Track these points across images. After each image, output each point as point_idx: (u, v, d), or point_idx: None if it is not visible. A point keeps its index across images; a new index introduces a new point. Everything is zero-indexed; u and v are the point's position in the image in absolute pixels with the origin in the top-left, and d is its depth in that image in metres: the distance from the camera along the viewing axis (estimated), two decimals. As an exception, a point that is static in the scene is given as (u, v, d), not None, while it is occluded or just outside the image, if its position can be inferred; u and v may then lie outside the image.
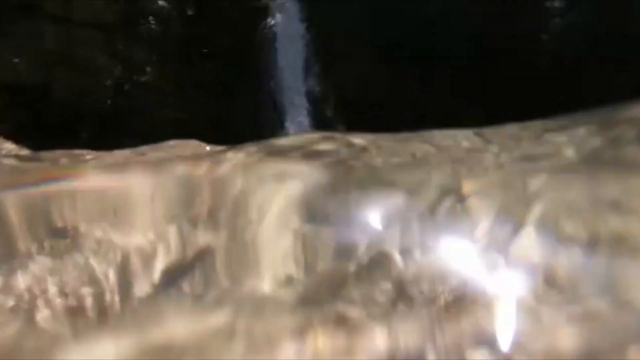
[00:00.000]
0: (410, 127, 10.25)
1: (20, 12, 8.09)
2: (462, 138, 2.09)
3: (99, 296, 1.15)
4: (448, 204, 1.42)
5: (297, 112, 8.18)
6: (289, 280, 1.23)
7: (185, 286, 1.22)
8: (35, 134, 8.03)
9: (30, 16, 8.11)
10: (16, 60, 8.13)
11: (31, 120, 7.89)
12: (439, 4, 8.77)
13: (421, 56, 8.96)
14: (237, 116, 7.97)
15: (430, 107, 9.25)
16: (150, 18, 7.91)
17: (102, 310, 1.15)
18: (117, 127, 7.71)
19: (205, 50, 7.74)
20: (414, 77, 9.24)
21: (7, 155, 2.34)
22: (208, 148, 2.28)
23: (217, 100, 7.80)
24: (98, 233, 1.26)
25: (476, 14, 8.44)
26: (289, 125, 8.02)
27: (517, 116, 10.01)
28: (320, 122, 8.84)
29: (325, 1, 8.63)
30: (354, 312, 1.10)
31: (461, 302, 1.15)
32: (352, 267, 1.23)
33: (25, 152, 2.66)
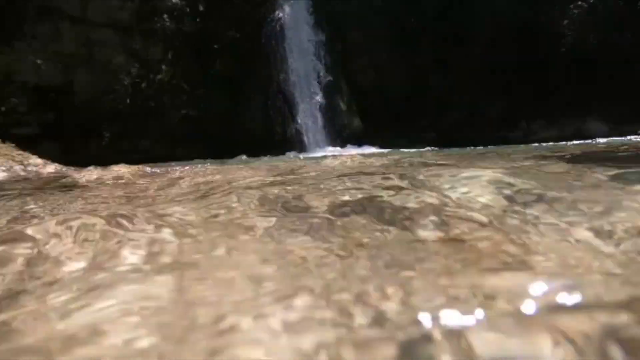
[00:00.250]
0: (429, 118, 10.15)
1: (40, 14, 8.30)
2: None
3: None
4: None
5: (309, 104, 8.18)
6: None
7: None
8: (60, 134, 8.34)
9: (50, 18, 8.31)
10: (39, 62, 8.38)
11: (55, 121, 8.17)
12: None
13: (440, 44, 8.76)
14: (248, 110, 8.05)
15: (450, 97, 9.08)
16: (165, 16, 7.98)
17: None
18: (135, 126, 7.91)
19: (216, 46, 7.78)
20: (432, 65, 9.06)
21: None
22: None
23: (227, 96, 7.88)
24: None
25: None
26: (300, 118, 8.03)
27: (538, 104, 9.68)
28: (334, 114, 8.82)
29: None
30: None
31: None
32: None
33: (52, 167, 2.81)
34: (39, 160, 2.93)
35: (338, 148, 7.92)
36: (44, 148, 8.37)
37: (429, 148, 7.24)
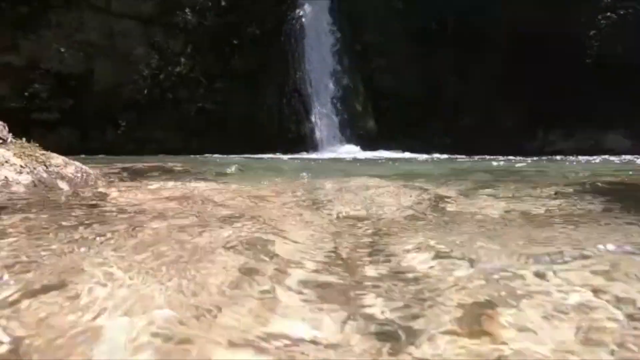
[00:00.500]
0: (444, 123, 10.10)
1: (67, 3, 8.45)
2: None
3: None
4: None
5: (325, 104, 8.18)
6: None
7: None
8: (77, 121, 8.51)
9: (76, 7, 8.44)
10: (62, 50, 8.55)
11: (74, 108, 8.33)
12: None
13: (459, 49, 8.63)
14: (264, 107, 8.08)
15: (466, 103, 8.96)
16: (187, 10, 8.03)
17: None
18: (152, 116, 8.02)
19: (236, 42, 7.82)
20: (449, 70, 8.94)
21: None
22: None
23: (244, 91, 7.92)
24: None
25: (517, 3, 7.98)
26: (315, 118, 8.04)
27: (557, 114, 9.53)
28: (349, 114, 8.80)
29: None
30: None
31: None
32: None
33: (72, 167, 2.88)
34: (60, 161, 3.01)
35: (352, 148, 7.92)
36: (63, 133, 8.60)
37: (441, 156, 7.18)
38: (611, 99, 7.62)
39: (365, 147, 7.84)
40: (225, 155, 6.31)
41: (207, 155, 6.56)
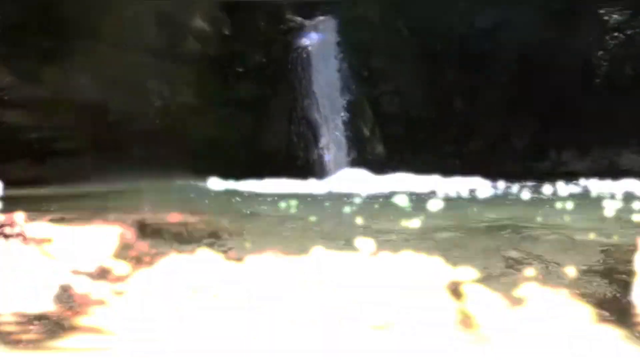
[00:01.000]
0: (453, 144, 10.05)
1: (83, 35, 8.85)
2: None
3: None
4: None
5: (333, 131, 8.23)
6: None
7: None
8: (93, 152, 8.78)
9: (92, 40, 8.83)
10: (81, 80, 8.90)
11: (90, 138, 8.61)
12: (486, 18, 8.35)
13: (466, 69, 8.60)
14: (271, 134, 8.19)
15: (476, 124, 8.86)
16: (191, 39, 8.33)
17: None
18: (164, 146, 8.21)
19: (241, 70, 8.02)
20: (458, 91, 8.89)
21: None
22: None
23: (250, 119, 8.06)
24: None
25: (527, 26, 7.96)
26: (323, 145, 8.09)
27: (570, 133, 9.38)
28: (357, 140, 8.81)
29: (360, 21, 8.58)
30: None
31: None
32: None
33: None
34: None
35: (361, 173, 7.89)
36: (79, 163, 8.90)
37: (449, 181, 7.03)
38: (623, 118, 7.42)
39: (375, 171, 7.79)
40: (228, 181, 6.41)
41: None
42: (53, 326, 1.12)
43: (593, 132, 7.65)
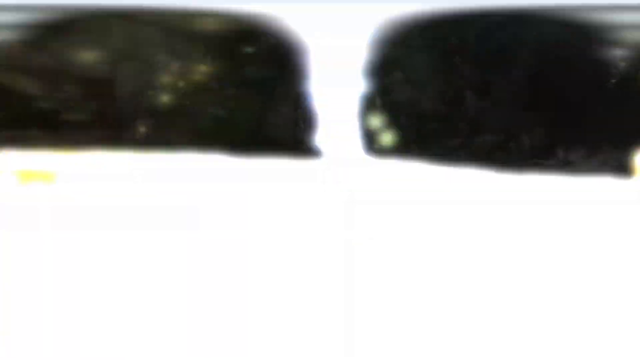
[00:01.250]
0: (462, 138, 10.00)
1: (91, 10, 8.82)
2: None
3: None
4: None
5: (341, 116, 8.22)
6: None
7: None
8: (98, 127, 8.82)
9: (101, 13, 8.80)
10: (89, 54, 8.92)
11: (95, 113, 8.64)
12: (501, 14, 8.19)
13: (479, 65, 8.48)
14: (277, 116, 8.15)
15: (485, 119, 8.79)
16: (204, 17, 8.27)
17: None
18: (168, 122, 8.24)
19: (251, 50, 7.95)
20: (469, 86, 8.80)
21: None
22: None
23: (258, 100, 8.01)
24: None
25: (539, 21, 7.80)
26: (330, 130, 8.08)
27: (579, 132, 9.36)
28: (366, 127, 8.79)
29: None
30: None
31: None
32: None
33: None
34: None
35: (366, 160, 7.90)
36: (85, 136, 8.92)
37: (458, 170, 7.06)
38: (635, 118, 7.33)
39: (380, 157, 7.79)
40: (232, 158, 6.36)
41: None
42: None
43: (602, 134, 7.58)
